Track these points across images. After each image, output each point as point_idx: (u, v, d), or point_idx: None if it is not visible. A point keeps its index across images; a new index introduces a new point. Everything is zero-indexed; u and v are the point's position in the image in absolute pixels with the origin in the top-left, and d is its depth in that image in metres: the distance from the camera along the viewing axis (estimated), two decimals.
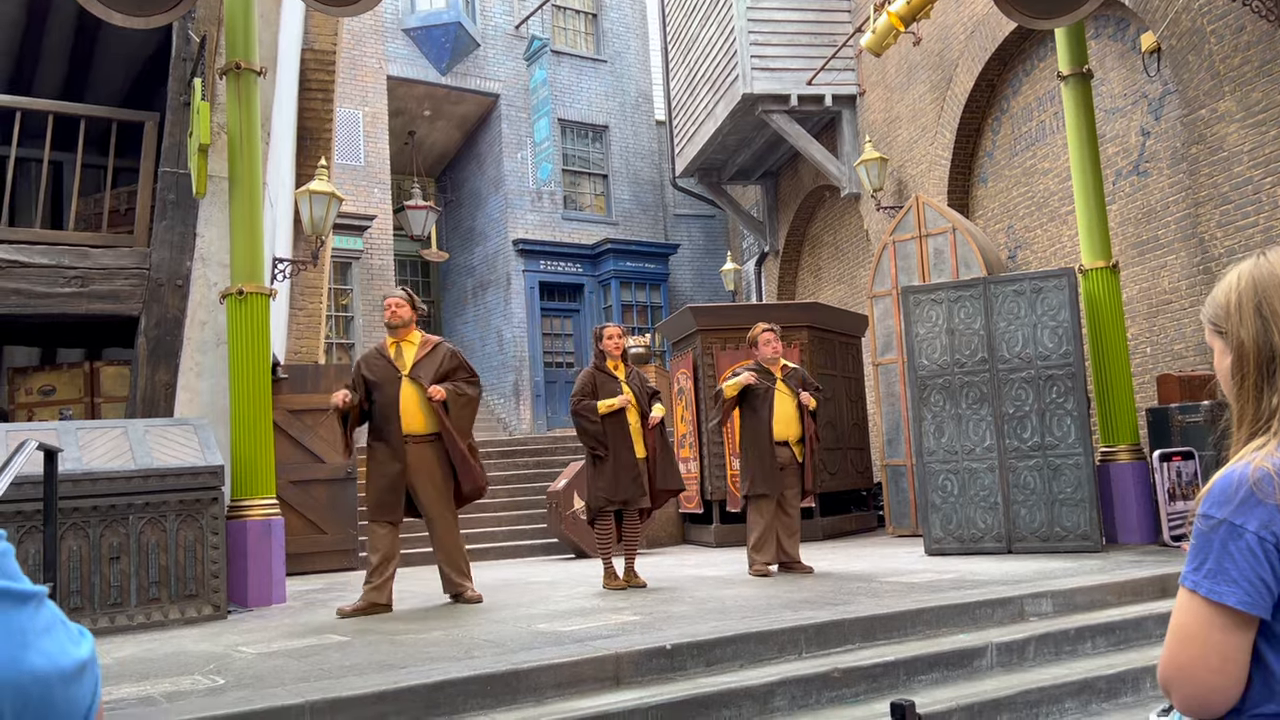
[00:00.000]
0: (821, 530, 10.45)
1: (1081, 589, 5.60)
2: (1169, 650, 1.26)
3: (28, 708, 0.82)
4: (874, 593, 5.75)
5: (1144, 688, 4.74)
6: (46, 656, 0.83)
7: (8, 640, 0.81)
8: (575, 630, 4.92)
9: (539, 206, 18.57)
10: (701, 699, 4.05)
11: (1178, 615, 1.26)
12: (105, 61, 9.83)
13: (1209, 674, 1.22)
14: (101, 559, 5.85)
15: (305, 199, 9.61)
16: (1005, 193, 11.59)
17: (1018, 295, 7.85)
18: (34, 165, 8.54)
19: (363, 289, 16.36)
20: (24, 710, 0.82)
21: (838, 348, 11.51)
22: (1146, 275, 9.47)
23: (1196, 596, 1.22)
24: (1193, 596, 1.23)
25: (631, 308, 18.74)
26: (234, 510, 6.57)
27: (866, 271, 13.23)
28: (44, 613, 0.85)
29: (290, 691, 3.79)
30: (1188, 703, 1.26)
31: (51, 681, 0.83)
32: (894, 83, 13.19)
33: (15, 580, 0.84)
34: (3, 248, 7.25)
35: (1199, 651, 1.22)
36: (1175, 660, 1.25)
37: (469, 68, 18.25)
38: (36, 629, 0.84)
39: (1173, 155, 9.13)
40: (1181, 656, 1.24)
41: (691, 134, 15.98)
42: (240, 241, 6.84)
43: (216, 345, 7.27)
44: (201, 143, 6.77)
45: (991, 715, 4.31)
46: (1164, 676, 1.28)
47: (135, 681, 4.15)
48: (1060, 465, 7.58)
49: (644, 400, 6.87)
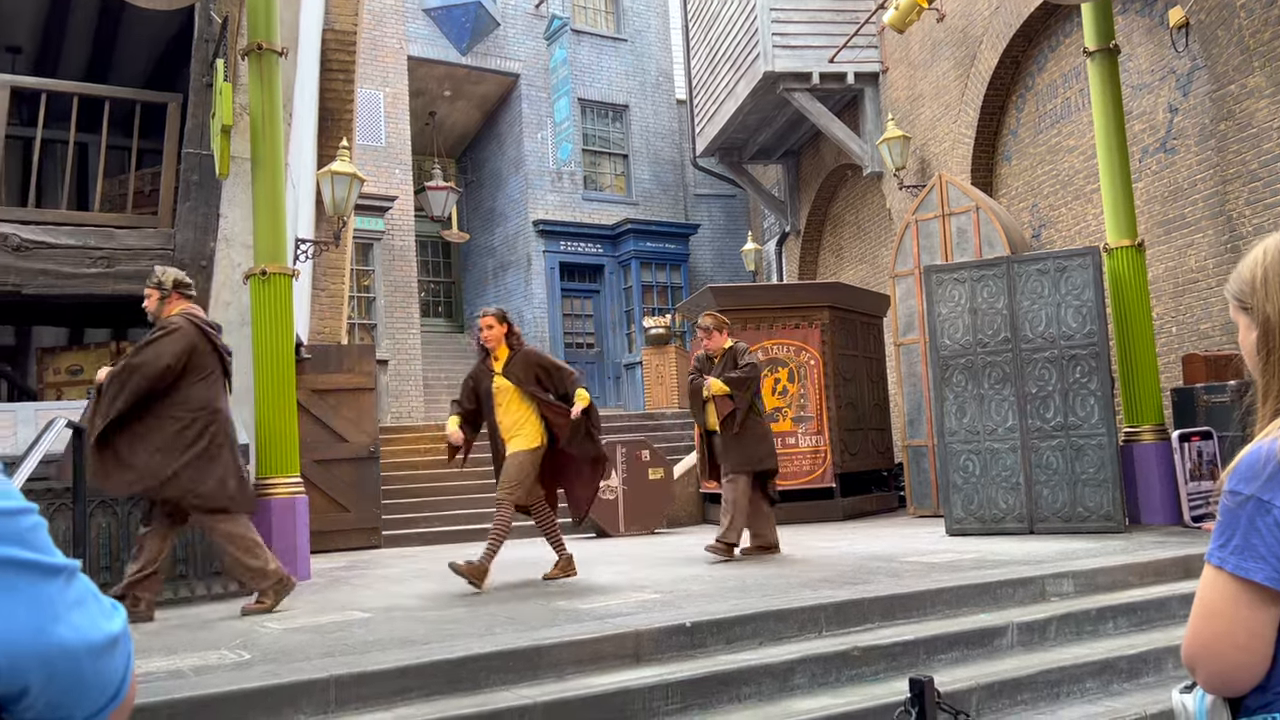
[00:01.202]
0: (842, 510, 10.45)
1: (1104, 569, 5.58)
2: (1194, 627, 1.26)
3: (54, 679, 0.83)
4: (894, 572, 5.75)
5: (1166, 668, 4.72)
6: (75, 630, 0.84)
7: (36, 612, 0.82)
8: (595, 608, 4.95)
9: (559, 187, 18.55)
10: (721, 676, 4.08)
11: (1203, 591, 1.25)
12: (129, 43, 9.88)
13: (1235, 651, 1.21)
14: (130, 536, 5.93)
15: (327, 180, 9.64)
16: (1029, 171, 11.48)
17: (1041, 274, 7.79)
18: (60, 147, 8.60)
19: (384, 270, 16.42)
20: (50, 682, 0.82)
21: (859, 328, 11.47)
22: (1173, 254, 9.36)
23: (1223, 573, 1.22)
24: (1219, 573, 1.22)
25: (652, 288, 18.72)
26: (259, 489, 6.63)
27: (888, 251, 13.16)
28: (75, 586, 0.86)
29: (315, 666, 3.84)
30: (1212, 680, 1.25)
31: (80, 655, 0.84)
32: (917, 60, 13.06)
33: (46, 553, 0.84)
34: (30, 228, 7.33)
35: (1225, 628, 1.21)
36: (1200, 637, 1.25)
37: (489, 47, 18.22)
38: (66, 602, 0.84)
39: (1201, 132, 9.01)
40: (1207, 633, 1.24)
41: (712, 113, 15.90)
42: (263, 222, 6.88)
43: (240, 325, 7.32)
44: (224, 124, 6.80)
45: (1012, 694, 4.31)
46: (1189, 654, 1.27)
47: (163, 655, 4.22)
48: (1083, 445, 7.54)
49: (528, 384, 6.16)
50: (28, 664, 0.81)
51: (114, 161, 8.84)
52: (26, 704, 0.83)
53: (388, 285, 16.34)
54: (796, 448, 10.43)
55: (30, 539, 0.84)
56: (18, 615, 0.81)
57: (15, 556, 0.82)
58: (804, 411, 10.48)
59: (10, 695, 0.82)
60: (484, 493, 11.29)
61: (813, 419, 10.47)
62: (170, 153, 8.00)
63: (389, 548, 9.64)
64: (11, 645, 0.80)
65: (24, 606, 0.81)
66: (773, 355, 10.54)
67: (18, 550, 0.82)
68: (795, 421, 10.47)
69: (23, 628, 0.81)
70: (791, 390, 10.51)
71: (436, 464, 11.67)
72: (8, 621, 0.80)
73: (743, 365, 7.08)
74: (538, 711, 3.70)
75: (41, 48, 10.02)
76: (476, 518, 10.64)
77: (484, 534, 10.21)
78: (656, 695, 3.92)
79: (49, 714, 0.84)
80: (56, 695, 0.83)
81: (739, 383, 7.02)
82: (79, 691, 0.85)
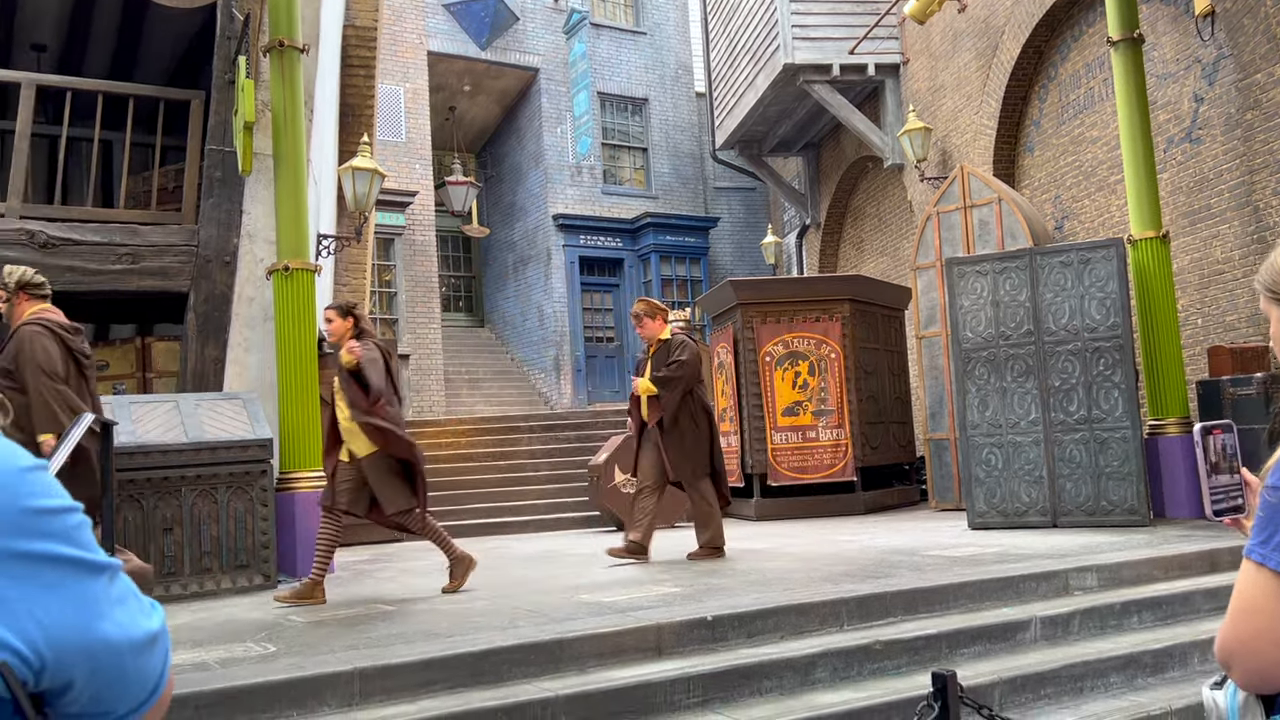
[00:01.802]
0: (863, 504, 10.43)
1: (1128, 563, 5.54)
2: (1232, 624, 1.24)
3: (98, 674, 0.85)
4: (916, 566, 5.73)
5: (1191, 662, 4.69)
6: (119, 626, 0.86)
7: (82, 609, 0.84)
8: (617, 601, 4.96)
9: (579, 181, 18.56)
10: (743, 669, 4.08)
11: (1243, 588, 1.22)
12: (152, 41, 9.96)
13: (1274, 648, 1.19)
14: (155, 529, 6.00)
15: (348, 175, 9.69)
16: (1052, 162, 11.38)
17: (1065, 266, 7.73)
18: (85, 144, 8.68)
19: (405, 265, 16.49)
20: (94, 676, 0.85)
21: (880, 321, 11.42)
22: (1198, 245, 9.27)
23: (1265, 569, 1.19)
24: (1260, 569, 1.20)
25: (671, 282, 18.70)
26: (282, 482, 6.69)
27: (910, 243, 13.09)
28: (118, 584, 0.88)
29: (340, 659, 3.87)
30: (1249, 677, 1.24)
31: (123, 650, 0.86)
32: (938, 51, 12.97)
33: (90, 551, 0.87)
34: (56, 225, 7.41)
35: (1265, 624, 1.19)
36: (1239, 634, 1.23)
37: (508, 42, 18.23)
38: (110, 599, 0.87)
39: (1227, 121, 8.90)
40: (1246, 630, 1.22)
41: (732, 106, 15.85)
42: (285, 218, 6.92)
43: (264, 321, 7.38)
44: (246, 120, 6.85)
45: (1035, 688, 4.30)
46: (1225, 650, 1.25)
47: (190, 648, 4.27)
48: (1107, 439, 7.48)
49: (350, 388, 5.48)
50: (73, 659, 0.83)
51: (138, 159, 8.92)
52: (71, 698, 0.85)
53: (409, 280, 16.41)
54: (817, 441, 10.41)
55: (75, 536, 0.86)
56: (65, 611, 0.83)
57: (62, 553, 0.84)
58: (825, 405, 10.46)
59: (55, 689, 0.84)
60: (505, 486, 11.33)
61: (833, 412, 10.44)
62: (193, 149, 8.06)
63: (411, 541, 9.69)
64: (59, 640, 0.82)
65: (70, 603, 0.83)
66: (793, 349, 10.52)
67: (64, 548, 0.84)
68: (816, 415, 10.44)
69: (69, 623, 0.83)
70: (812, 384, 10.49)
71: (458, 458, 11.72)
72: (55, 617, 0.82)
73: (671, 362, 6.63)
74: (559, 704, 3.71)
75: (66, 46, 10.12)
76: (500, 510, 10.70)
77: (505, 527, 10.27)
78: (678, 688, 3.93)
79: (92, 708, 0.86)
80: (99, 690, 0.85)
81: (665, 382, 6.58)
82: (121, 686, 0.87)
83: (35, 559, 0.82)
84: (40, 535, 0.83)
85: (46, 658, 0.82)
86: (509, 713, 3.64)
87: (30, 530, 0.83)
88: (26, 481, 0.84)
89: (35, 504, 0.84)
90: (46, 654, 0.81)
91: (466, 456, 11.87)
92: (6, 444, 0.87)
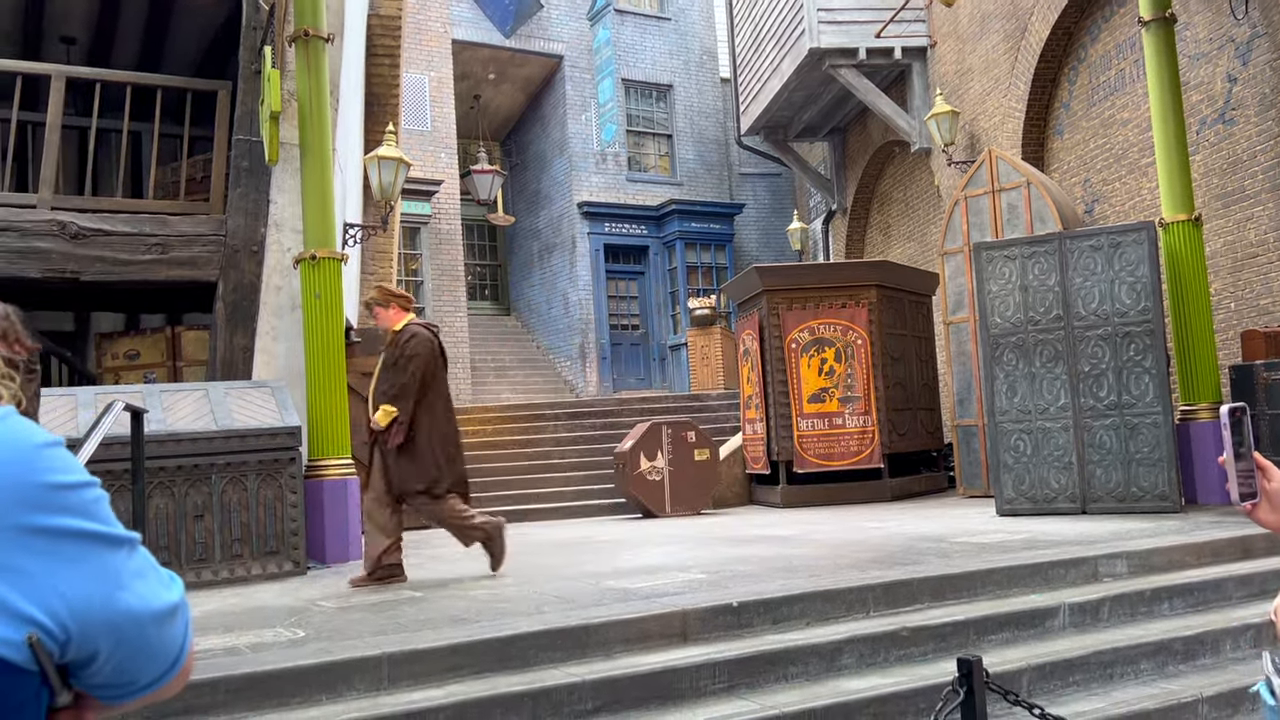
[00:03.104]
0: (890, 491, 10.38)
1: (1158, 550, 5.48)
2: None
3: (121, 645, 0.87)
4: (943, 553, 5.70)
5: (1223, 650, 4.64)
6: (140, 597, 0.88)
7: (104, 581, 0.86)
8: (642, 587, 4.97)
9: (603, 168, 18.53)
10: (769, 656, 4.08)
11: None
12: (179, 32, 10.03)
13: None
14: (186, 516, 6.07)
15: (374, 164, 9.71)
16: (1082, 145, 11.24)
17: (1094, 250, 7.64)
18: (114, 136, 8.77)
19: (431, 253, 16.55)
20: (118, 647, 0.87)
21: (908, 306, 11.34)
22: (1231, 228, 9.12)
23: None
24: None
25: (696, 269, 18.66)
26: (311, 470, 6.75)
27: (937, 228, 12.97)
28: (137, 557, 0.90)
29: (368, 644, 3.91)
30: None
31: (145, 621, 0.88)
32: (966, 33, 12.82)
33: (110, 525, 0.89)
34: (87, 216, 7.49)
35: None
36: None
37: (532, 29, 18.20)
38: (130, 571, 0.89)
39: (1261, 102, 8.75)
40: None
41: (757, 91, 15.75)
42: (312, 207, 6.96)
43: (291, 309, 7.43)
44: (273, 110, 6.88)
45: (1064, 675, 4.27)
46: None
47: (221, 633, 4.32)
48: (1138, 424, 7.40)
49: None
50: (98, 630, 0.85)
51: (166, 149, 9.00)
52: (95, 669, 0.87)
53: (435, 269, 16.47)
54: (844, 428, 10.37)
55: (95, 511, 0.88)
56: (88, 584, 0.85)
57: (83, 528, 0.86)
58: (851, 392, 10.41)
59: (81, 660, 0.86)
60: (531, 474, 11.38)
61: (860, 399, 10.39)
62: (221, 140, 8.12)
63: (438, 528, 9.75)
64: (83, 612, 0.84)
65: (93, 576, 0.85)
66: (819, 335, 10.47)
67: (84, 522, 0.86)
68: (842, 402, 10.40)
69: (92, 595, 0.85)
70: (839, 370, 10.44)
71: (485, 444, 11.77)
72: (79, 589, 0.84)
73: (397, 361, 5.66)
74: (586, 689, 3.73)
75: (95, 38, 10.21)
76: (526, 498, 10.74)
77: (531, 514, 10.32)
78: (703, 674, 3.94)
79: (116, 679, 0.89)
80: (123, 660, 0.88)
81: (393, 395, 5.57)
82: (144, 657, 0.89)
83: (55, 533, 0.84)
84: (59, 510, 0.85)
85: (71, 630, 0.84)
86: (535, 698, 3.66)
87: (50, 505, 0.84)
88: (45, 457, 0.86)
89: (54, 479, 0.86)
90: (71, 626, 0.83)
91: (493, 444, 11.92)
92: (23, 422, 0.88)
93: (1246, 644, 4.69)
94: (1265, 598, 5.00)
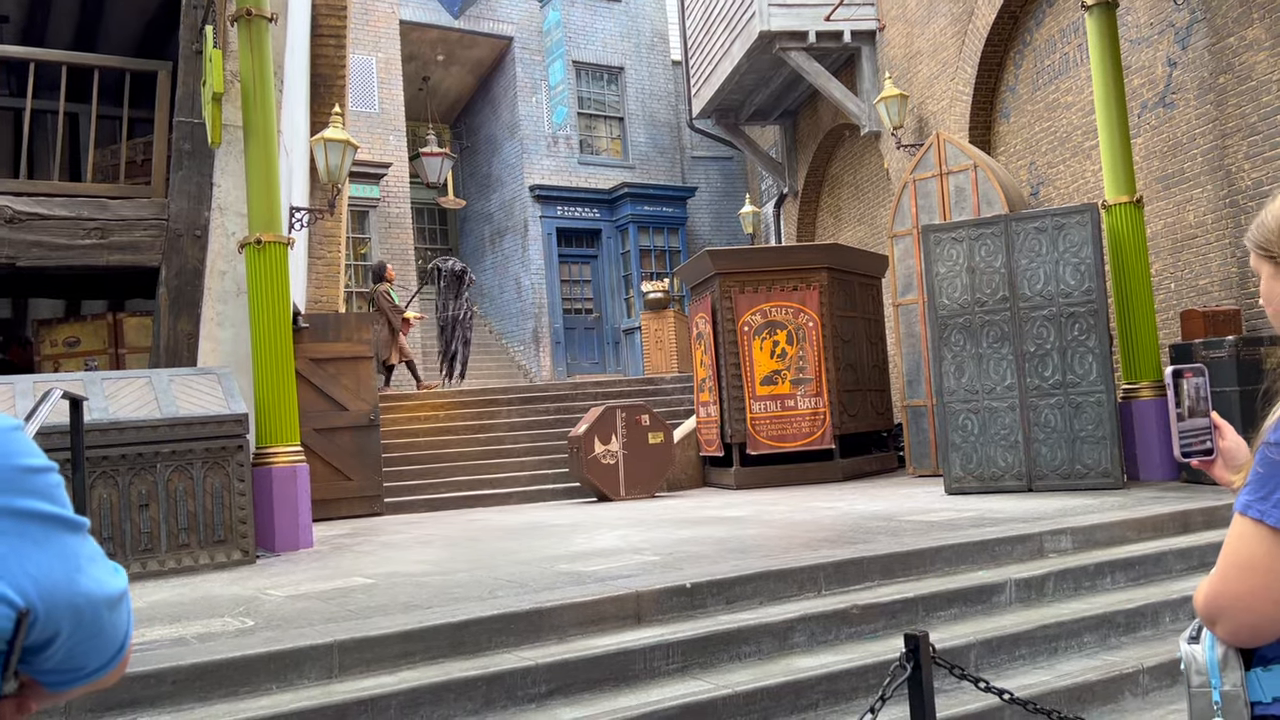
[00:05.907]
0: (841, 471, 10.49)
1: (1101, 525, 5.61)
2: (1224, 580, 1.23)
3: (79, 627, 0.88)
4: (893, 531, 5.78)
5: (1163, 622, 4.76)
6: (96, 581, 0.90)
7: (65, 563, 0.87)
8: (596, 570, 4.98)
9: (555, 151, 18.43)
10: (722, 635, 4.11)
11: (1237, 545, 1.21)
12: (117, 10, 9.77)
13: (1271, 604, 1.19)
14: (131, 506, 5.96)
15: (320, 147, 9.57)
16: (1028, 128, 11.40)
17: (1039, 232, 7.76)
18: (50, 117, 8.53)
19: (380, 237, 16.36)
20: (76, 630, 0.88)
21: (858, 289, 11.44)
22: (1171, 210, 9.32)
23: (1263, 525, 1.18)
24: (1258, 525, 1.18)
25: (650, 252, 18.66)
26: (259, 458, 6.65)
27: (887, 211, 13.09)
28: (89, 542, 0.92)
29: (318, 632, 3.87)
30: (1241, 632, 1.24)
31: (100, 604, 0.89)
32: (914, 17, 12.92)
33: (68, 509, 0.90)
34: (23, 200, 7.29)
35: (1263, 581, 1.19)
36: (1232, 590, 1.22)
37: (481, 10, 18.01)
38: (86, 555, 0.90)
39: (1200, 86, 8.93)
40: (1241, 586, 1.21)
41: (708, 74, 15.75)
42: (256, 191, 6.84)
43: (237, 295, 7.31)
44: (215, 91, 6.74)
45: (1010, 649, 4.35)
46: (1214, 606, 1.25)
47: (167, 624, 4.25)
48: (1082, 403, 7.55)
49: None
50: (60, 612, 0.86)
51: (105, 131, 8.77)
52: (50, 652, 0.88)
53: (385, 253, 16.28)
54: (796, 410, 10.45)
55: (56, 495, 0.89)
56: (53, 566, 0.86)
57: (46, 511, 0.87)
58: (803, 374, 10.49)
59: (40, 643, 0.87)
60: (484, 459, 11.33)
61: (811, 381, 10.48)
62: (161, 121, 7.94)
63: (391, 515, 9.68)
64: (49, 593, 0.85)
65: (57, 558, 0.87)
66: (771, 318, 10.53)
67: (47, 505, 0.87)
68: (794, 384, 10.48)
69: (56, 577, 0.86)
70: (790, 353, 10.51)
71: (437, 431, 11.69)
72: (45, 571, 0.85)
73: None
74: (540, 672, 3.73)
75: (29, 16, 9.91)
76: (480, 483, 10.69)
77: (485, 500, 10.28)
78: (657, 655, 3.96)
79: (66, 663, 0.90)
80: (78, 643, 0.89)
81: None
82: (97, 640, 0.90)
83: (25, 515, 0.85)
84: (29, 493, 0.86)
85: (38, 610, 0.84)
86: (489, 682, 3.65)
87: (21, 488, 0.86)
88: (14, 440, 0.87)
89: (24, 462, 0.87)
90: (39, 606, 0.84)
91: (446, 430, 11.84)
92: None
93: (1186, 616, 4.82)
94: (1204, 570, 5.14)
